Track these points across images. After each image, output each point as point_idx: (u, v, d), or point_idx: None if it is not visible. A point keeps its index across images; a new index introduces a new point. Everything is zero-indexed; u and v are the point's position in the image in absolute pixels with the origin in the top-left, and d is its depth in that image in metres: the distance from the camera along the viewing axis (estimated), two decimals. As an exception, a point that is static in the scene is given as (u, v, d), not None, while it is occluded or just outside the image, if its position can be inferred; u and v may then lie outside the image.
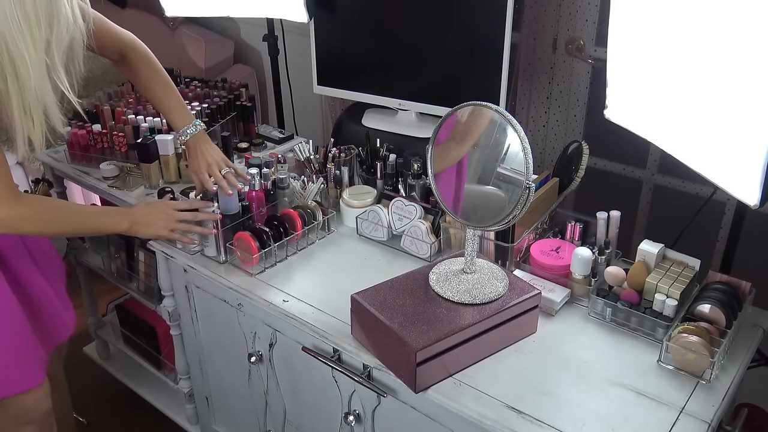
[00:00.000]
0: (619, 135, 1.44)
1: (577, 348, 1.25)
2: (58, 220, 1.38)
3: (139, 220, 1.45)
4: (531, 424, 1.09)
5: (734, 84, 1.07)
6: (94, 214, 1.48)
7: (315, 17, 1.97)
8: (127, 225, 1.45)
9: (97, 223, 1.46)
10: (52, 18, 1.16)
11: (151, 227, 1.46)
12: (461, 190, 1.25)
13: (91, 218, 1.45)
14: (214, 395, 1.81)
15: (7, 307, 1.39)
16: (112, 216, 1.47)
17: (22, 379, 1.45)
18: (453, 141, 1.23)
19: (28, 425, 1.52)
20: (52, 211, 1.38)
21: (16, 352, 1.42)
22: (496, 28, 1.72)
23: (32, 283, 1.46)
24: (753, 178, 1.07)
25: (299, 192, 1.64)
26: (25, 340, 1.43)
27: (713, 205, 1.73)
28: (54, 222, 1.38)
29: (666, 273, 1.28)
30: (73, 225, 1.43)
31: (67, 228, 1.44)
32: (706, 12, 1.11)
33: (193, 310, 1.67)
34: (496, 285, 1.24)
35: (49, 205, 1.41)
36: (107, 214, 1.48)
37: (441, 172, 1.26)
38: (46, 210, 1.37)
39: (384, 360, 1.22)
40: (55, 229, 1.41)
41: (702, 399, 1.13)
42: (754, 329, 1.28)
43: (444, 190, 1.26)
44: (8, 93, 1.17)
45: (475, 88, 1.83)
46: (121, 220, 1.45)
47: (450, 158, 1.25)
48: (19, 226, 1.32)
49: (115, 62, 1.59)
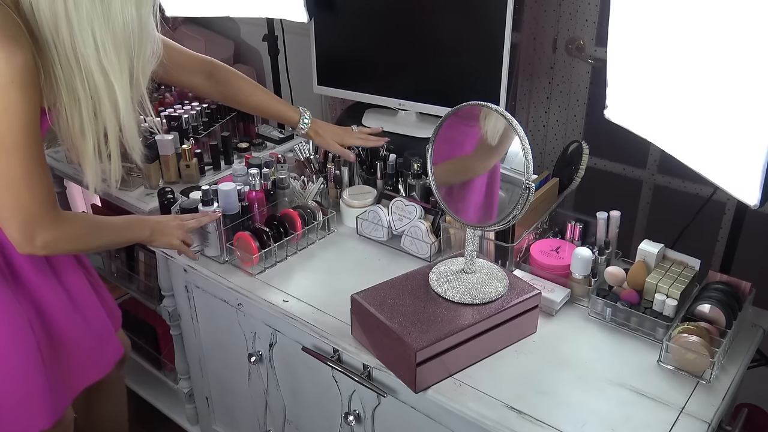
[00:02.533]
0: (619, 135, 1.44)
1: (577, 348, 1.25)
2: (94, 238, 1.31)
3: (156, 228, 1.42)
4: (531, 424, 1.09)
5: (734, 84, 1.07)
6: (122, 228, 1.39)
7: (315, 17, 1.97)
8: (148, 233, 1.41)
9: (126, 236, 1.40)
10: (141, 42, 1.11)
11: (167, 236, 1.43)
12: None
13: (121, 232, 1.38)
14: (214, 395, 1.81)
15: (20, 348, 1.30)
16: (135, 227, 1.42)
17: (21, 424, 1.34)
18: (480, 156, 1.24)
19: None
20: (90, 228, 1.30)
21: (18, 394, 1.32)
22: (496, 28, 1.72)
23: (65, 323, 1.37)
24: (753, 178, 1.07)
25: (299, 192, 1.64)
26: (32, 383, 1.32)
27: (713, 205, 1.73)
28: (91, 239, 1.30)
29: (666, 273, 1.28)
30: (108, 239, 1.37)
31: (102, 243, 1.38)
32: (705, 12, 1.11)
33: (193, 310, 1.67)
34: (496, 285, 1.24)
35: (86, 221, 1.32)
36: (131, 225, 1.41)
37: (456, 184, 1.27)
38: (85, 227, 1.28)
39: (384, 360, 1.22)
40: (91, 246, 1.36)
41: (702, 399, 1.13)
42: (754, 329, 1.28)
43: (444, 191, 1.26)
44: (84, 126, 1.13)
45: (475, 88, 1.83)
46: (142, 229, 1.41)
47: (472, 171, 1.26)
48: (63, 246, 1.24)
49: (194, 86, 1.55)
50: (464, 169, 1.29)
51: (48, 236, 1.16)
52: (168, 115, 1.85)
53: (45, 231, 1.15)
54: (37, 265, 1.32)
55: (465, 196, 1.30)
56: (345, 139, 1.66)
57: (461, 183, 1.31)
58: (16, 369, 1.30)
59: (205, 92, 1.61)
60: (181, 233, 1.44)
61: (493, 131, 1.19)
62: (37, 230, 1.14)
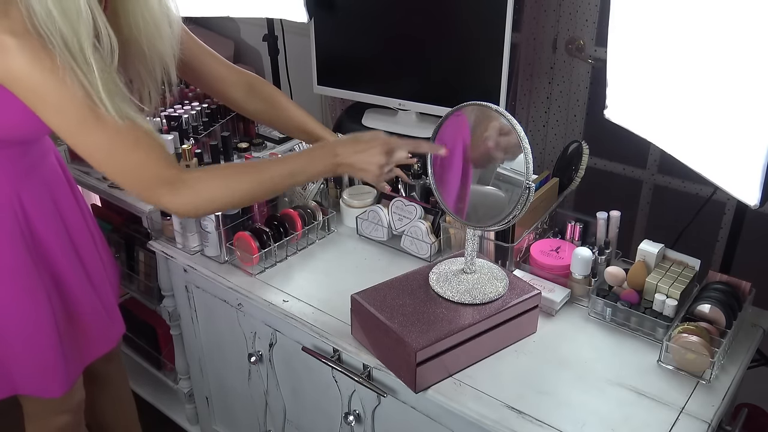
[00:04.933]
0: (619, 135, 1.44)
1: (577, 348, 1.25)
2: (240, 188, 1.18)
3: (346, 161, 1.23)
4: (531, 424, 1.09)
5: (734, 84, 1.07)
6: (287, 167, 1.22)
7: (315, 17, 1.97)
8: (331, 164, 1.23)
9: (289, 169, 1.22)
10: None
11: (367, 173, 1.24)
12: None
13: (284, 172, 1.21)
14: (214, 395, 1.81)
15: (38, 317, 1.32)
16: (312, 160, 1.23)
17: (38, 385, 1.39)
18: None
19: (61, 414, 1.49)
20: (228, 180, 1.19)
21: (34, 362, 1.36)
22: (496, 28, 1.72)
23: (81, 295, 1.39)
24: (753, 178, 1.07)
25: (299, 192, 1.64)
26: (47, 352, 1.35)
27: (713, 205, 1.73)
28: (236, 190, 1.18)
29: (666, 273, 1.28)
30: (268, 184, 1.21)
31: (255, 190, 1.22)
32: (705, 12, 1.11)
33: (193, 310, 1.67)
34: (496, 285, 1.24)
35: (219, 174, 1.20)
36: (303, 161, 1.23)
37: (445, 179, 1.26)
38: (219, 181, 1.18)
39: (384, 360, 1.22)
40: (241, 199, 1.23)
41: (702, 399, 1.13)
42: (754, 329, 1.28)
43: (444, 191, 1.26)
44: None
45: (475, 88, 1.83)
46: (320, 158, 1.23)
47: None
48: (203, 206, 1.17)
49: (234, 100, 1.46)
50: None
51: (175, 199, 1.14)
52: (168, 115, 1.85)
53: (167, 195, 1.13)
54: (59, 236, 1.34)
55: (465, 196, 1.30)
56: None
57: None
58: (33, 337, 1.33)
59: (244, 108, 1.49)
60: (385, 172, 1.25)
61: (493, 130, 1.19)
62: (160, 194, 1.13)
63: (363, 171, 1.24)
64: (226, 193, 1.18)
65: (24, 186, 1.27)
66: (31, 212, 1.28)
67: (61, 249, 1.35)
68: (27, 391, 1.40)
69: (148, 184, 1.13)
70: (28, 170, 1.28)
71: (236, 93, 1.45)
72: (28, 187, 1.28)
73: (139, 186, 1.14)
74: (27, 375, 1.37)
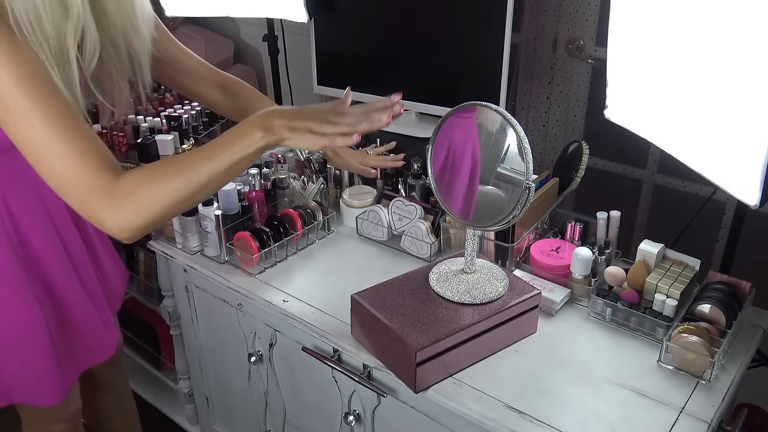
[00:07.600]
0: (619, 135, 1.44)
1: (577, 348, 1.25)
2: (176, 187, 1.02)
3: (283, 124, 1.04)
4: (531, 424, 1.09)
5: (734, 84, 1.07)
6: (215, 148, 1.05)
7: (315, 17, 1.97)
8: (261, 135, 1.04)
9: (229, 157, 1.03)
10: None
11: (305, 138, 1.06)
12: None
13: (213, 157, 1.04)
14: (214, 395, 1.81)
15: (29, 325, 1.30)
16: (237, 135, 1.05)
17: (32, 394, 1.38)
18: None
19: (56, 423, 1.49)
20: (161, 180, 1.02)
21: (27, 371, 1.34)
22: (496, 28, 1.72)
23: (74, 302, 1.37)
24: (753, 178, 1.07)
25: (299, 192, 1.64)
26: (40, 360, 1.34)
27: (713, 205, 1.73)
28: (173, 191, 1.02)
29: (666, 273, 1.28)
30: (199, 179, 1.03)
31: (200, 188, 1.03)
32: (705, 12, 1.11)
33: (193, 310, 1.67)
34: (496, 285, 1.24)
35: (152, 175, 1.03)
36: (228, 139, 1.05)
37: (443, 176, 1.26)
38: (151, 187, 1.02)
39: (384, 360, 1.22)
40: (182, 198, 1.03)
41: (702, 399, 1.13)
42: (754, 329, 1.28)
43: (444, 191, 1.26)
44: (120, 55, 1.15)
45: (475, 88, 1.83)
46: (250, 132, 1.04)
47: None
48: (144, 221, 1.01)
49: (210, 99, 1.43)
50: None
51: (112, 216, 1.00)
52: (168, 115, 1.85)
53: (104, 210, 1.00)
54: (50, 241, 1.32)
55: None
56: (363, 160, 1.54)
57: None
58: (25, 345, 1.31)
59: (220, 107, 1.46)
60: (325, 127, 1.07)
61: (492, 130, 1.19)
62: (96, 209, 1.00)
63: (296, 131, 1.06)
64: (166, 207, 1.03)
65: (11, 191, 1.24)
66: (19, 217, 1.26)
67: (53, 254, 1.32)
68: (22, 399, 1.38)
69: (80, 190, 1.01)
70: (16, 175, 1.25)
71: (213, 92, 1.44)
72: (15, 191, 1.25)
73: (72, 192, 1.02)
74: (21, 383, 1.35)
